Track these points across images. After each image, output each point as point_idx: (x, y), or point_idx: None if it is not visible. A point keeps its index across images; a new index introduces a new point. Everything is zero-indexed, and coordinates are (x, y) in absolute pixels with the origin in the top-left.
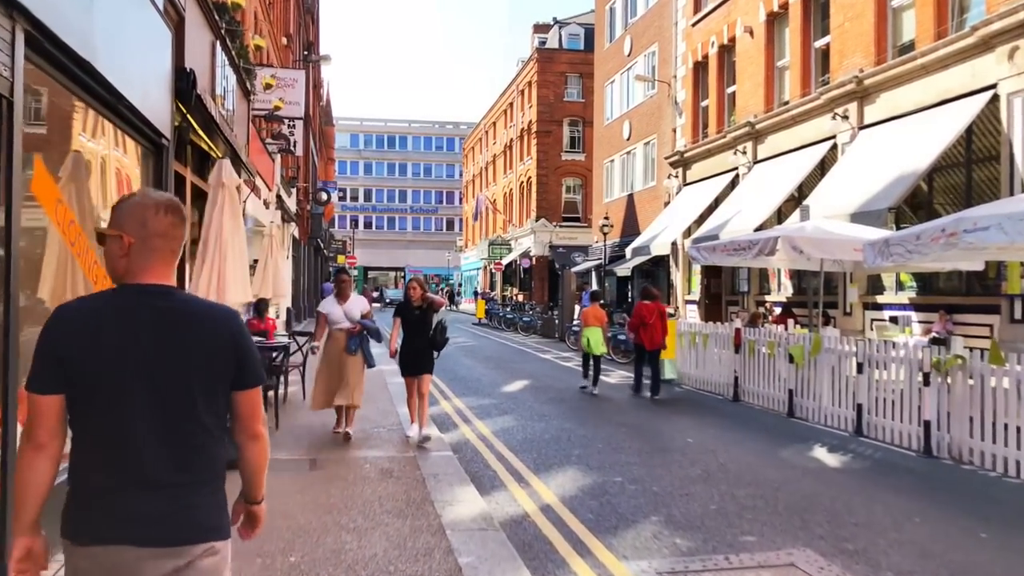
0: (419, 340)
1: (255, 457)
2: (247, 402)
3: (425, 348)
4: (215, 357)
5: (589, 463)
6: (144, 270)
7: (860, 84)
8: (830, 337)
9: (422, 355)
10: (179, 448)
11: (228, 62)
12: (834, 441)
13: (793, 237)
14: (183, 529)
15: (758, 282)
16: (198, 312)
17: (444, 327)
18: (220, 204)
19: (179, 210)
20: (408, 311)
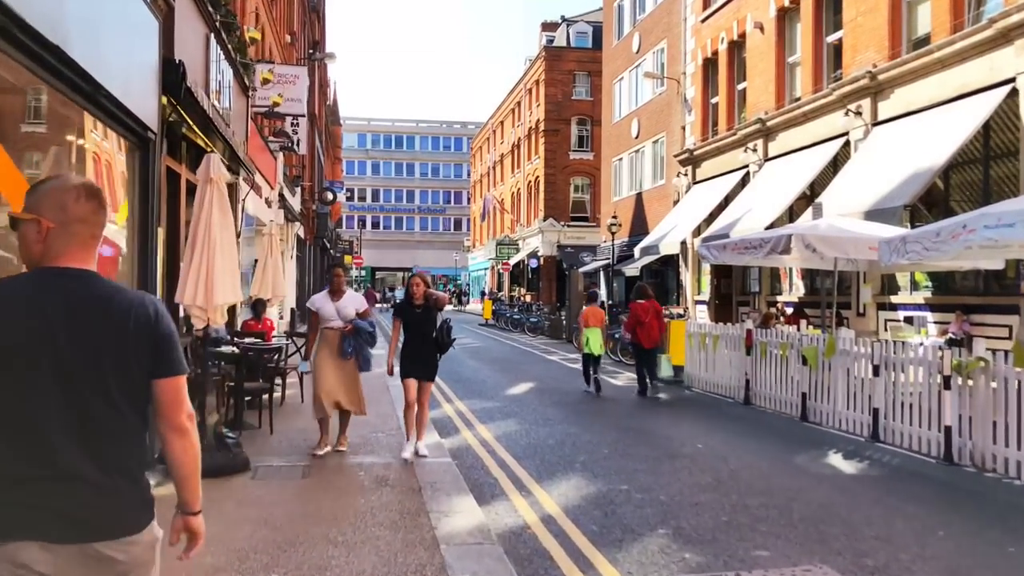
0: (422, 342)
1: (181, 454)
2: (167, 391)
3: (428, 351)
4: (130, 343)
5: (594, 470)
6: (62, 255)
7: (874, 79)
8: (845, 338)
9: (425, 359)
10: (93, 437)
11: (224, 56)
12: (850, 447)
13: (806, 235)
14: (104, 523)
15: (769, 282)
16: (114, 297)
17: (449, 327)
18: (208, 200)
19: (100, 195)
20: (409, 310)
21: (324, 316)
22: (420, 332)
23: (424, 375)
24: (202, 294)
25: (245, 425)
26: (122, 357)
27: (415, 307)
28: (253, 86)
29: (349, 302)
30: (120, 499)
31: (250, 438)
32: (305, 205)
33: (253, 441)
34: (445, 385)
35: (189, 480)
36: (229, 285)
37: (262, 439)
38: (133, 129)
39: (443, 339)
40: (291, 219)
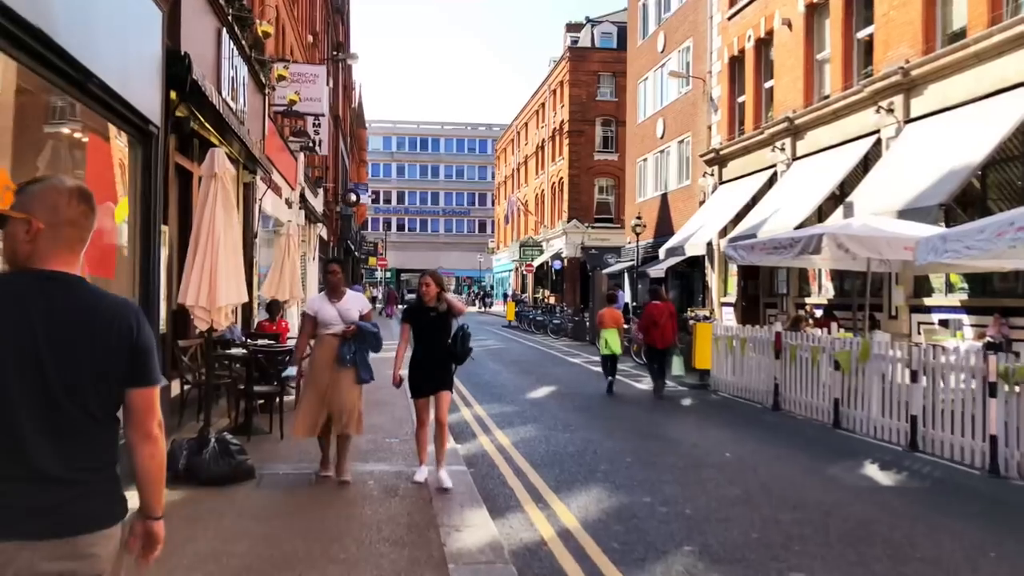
0: (435, 351)
1: (147, 460)
2: (141, 400)
3: (442, 362)
4: (110, 354)
5: (616, 480)
6: (49, 257)
7: (907, 75)
8: (880, 342)
9: (439, 369)
10: (66, 439)
11: (238, 52)
12: (886, 456)
13: (838, 234)
14: (75, 520)
15: (797, 283)
16: (96, 304)
17: (467, 334)
18: (212, 196)
19: (90, 199)
20: (420, 315)
21: (323, 321)
22: (433, 340)
23: (440, 385)
24: (205, 295)
25: (255, 430)
26: (101, 367)
27: (427, 311)
28: (271, 85)
29: (351, 303)
30: (93, 496)
31: (259, 443)
32: (328, 207)
33: (261, 447)
34: (463, 388)
35: (153, 486)
36: (234, 286)
37: (271, 444)
38: (133, 122)
39: (459, 348)
40: (313, 220)
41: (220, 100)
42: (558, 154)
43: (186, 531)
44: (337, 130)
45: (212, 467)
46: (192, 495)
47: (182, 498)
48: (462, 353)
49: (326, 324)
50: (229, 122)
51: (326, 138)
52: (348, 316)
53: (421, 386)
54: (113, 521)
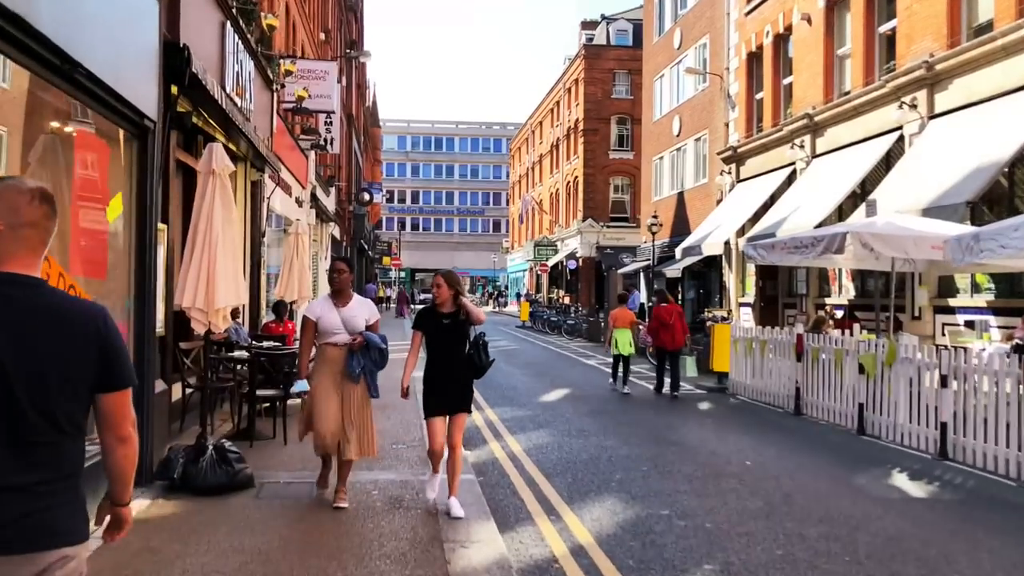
0: (450, 362)
1: (120, 460)
2: (114, 404)
3: (460, 375)
4: (75, 356)
5: (632, 491)
6: (9, 259)
7: (931, 69)
8: (907, 345)
9: (455, 385)
10: (27, 447)
11: (243, 47)
12: (916, 465)
13: (863, 233)
14: (33, 535)
15: (817, 284)
16: (61, 307)
17: (485, 343)
18: (210, 193)
19: (52, 200)
20: (434, 321)
21: (326, 329)
22: (448, 349)
23: (456, 406)
24: (202, 296)
25: (258, 435)
26: (68, 373)
27: (441, 317)
28: (279, 81)
29: (358, 310)
30: (56, 509)
31: (261, 449)
32: (341, 206)
33: (263, 453)
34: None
35: (124, 480)
36: (232, 287)
37: (274, 450)
38: (126, 116)
39: (480, 360)
40: (325, 220)
41: (223, 95)
42: (573, 153)
43: (177, 545)
44: (350, 128)
45: (209, 476)
46: (187, 506)
47: (176, 510)
48: (481, 366)
49: (328, 332)
50: (233, 118)
51: (338, 136)
52: (353, 325)
53: (435, 402)
54: (75, 541)
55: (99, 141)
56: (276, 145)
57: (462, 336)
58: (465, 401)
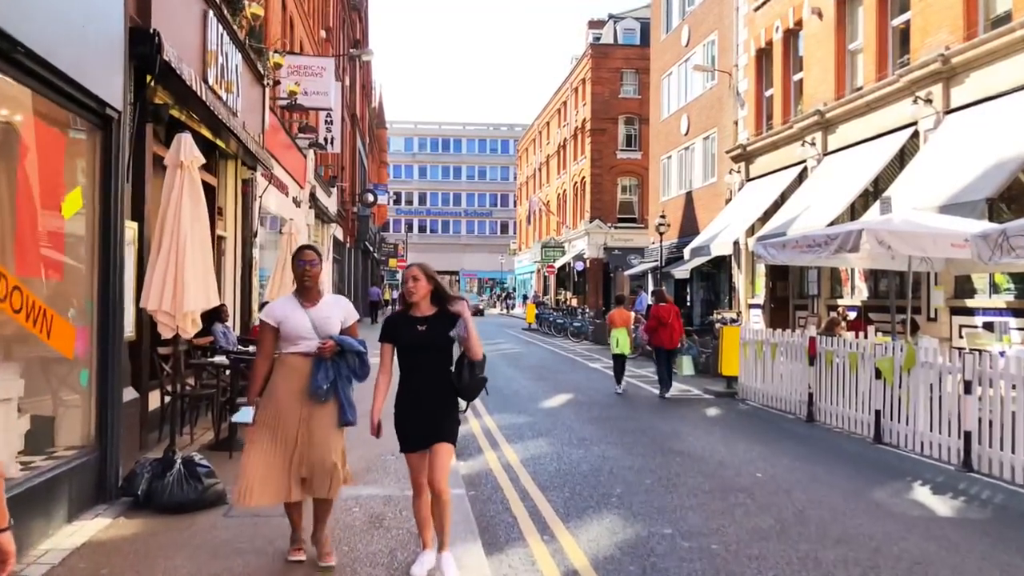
0: (431, 382)
1: None
2: None
3: (442, 398)
4: None
5: (633, 507)
6: None
7: (946, 63)
8: (927, 348)
9: (436, 412)
10: None
11: (229, 39)
12: (938, 477)
13: (879, 230)
14: None
15: (829, 284)
16: None
17: None
18: (178, 187)
19: None
20: (405, 328)
21: (291, 334)
22: (425, 366)
23: (437, 435)
24: (169, 299)
25: (238, 445)
26: None
27: (415, 323)
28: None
29: (331, 309)
30: None
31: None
32: (344, 207)
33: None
34: None
35: None
36: (202, 288)
37: None
38: (86, 105)
39: (466, 379)
40: (326, 220)
41: (204, 87)
42: (580, 153)
43: (129, 573)
44: (354, 129)
45: (175, 492)
46: (147, 526)
47: (136, 530)
48: (471, 385)
49: (293, 339)
50: (216, 111)
51: (339, 136)
52: (326, 328)
53: (411, 433)
54: None
55: (52, 131)
56: (270, 143)
57: (443, 347)
58: (446, 430)
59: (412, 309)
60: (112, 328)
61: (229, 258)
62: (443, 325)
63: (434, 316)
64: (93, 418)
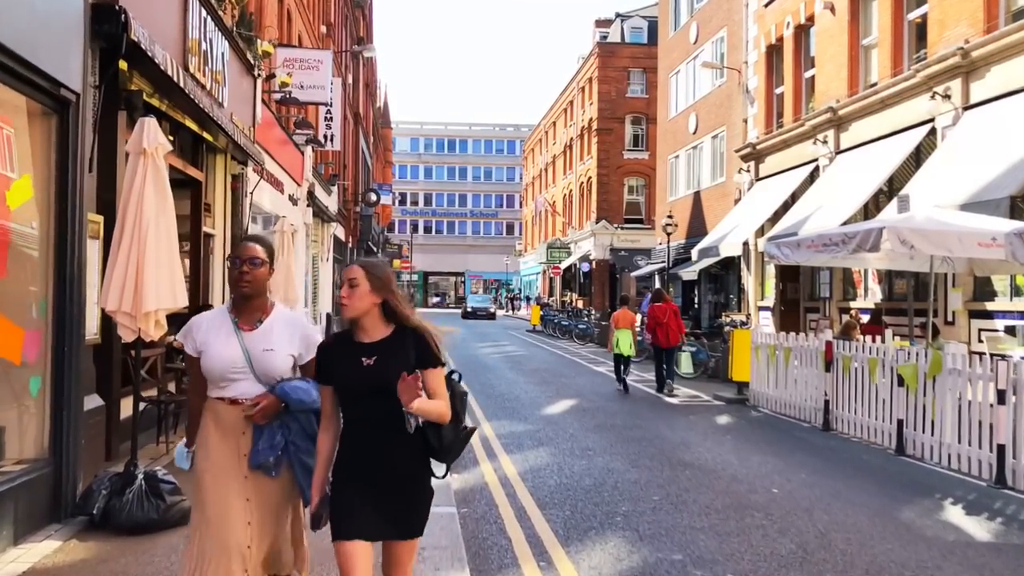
0: (384, 440)
1: None
2: None
3: (405, 464)
4: None
5: (639, 528)
6: None
7: (966, 57)
8: (954, 355)
9: (396, 484)
10: None
11: (215, 25)
12: (970, 494)
13: (901, 228)
14: None
15: (841, 286)
16: None
17: (462, 393)
18: (140, 177)
19: None
20: (344, 359)
21: (214, 370)
22: (380, 415)
23: (395, 526)
24: (129, 298)
25: None
26: None
27: (359, 350)
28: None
29: (280, 334)
30: None
31: None
32: (346, 207)
33: None
34: (473, 400)
35: None
36: (167, 287)
37: None
38: (36, 84)
39: (450, 434)
40: (326, 219)
41: (182, 73)
42: (586, 153)
43: None
44: (357, 127)
45: (135, 512)
46: (100, 550)
47: (87, 555)
48: (455, 443)
49: (219, 378)
50: (196, 98)
51: (339, 133)
52: (267, 366)
53: (351, 513)
54: None
55: None
56: (264, 138)
57: (395, 386)
58: (412, 517)
59: (357, 331)
60: (69, 330)
61: (218, 257)
62: (401, 354)
63: (388, 341)
64: (47, 429)
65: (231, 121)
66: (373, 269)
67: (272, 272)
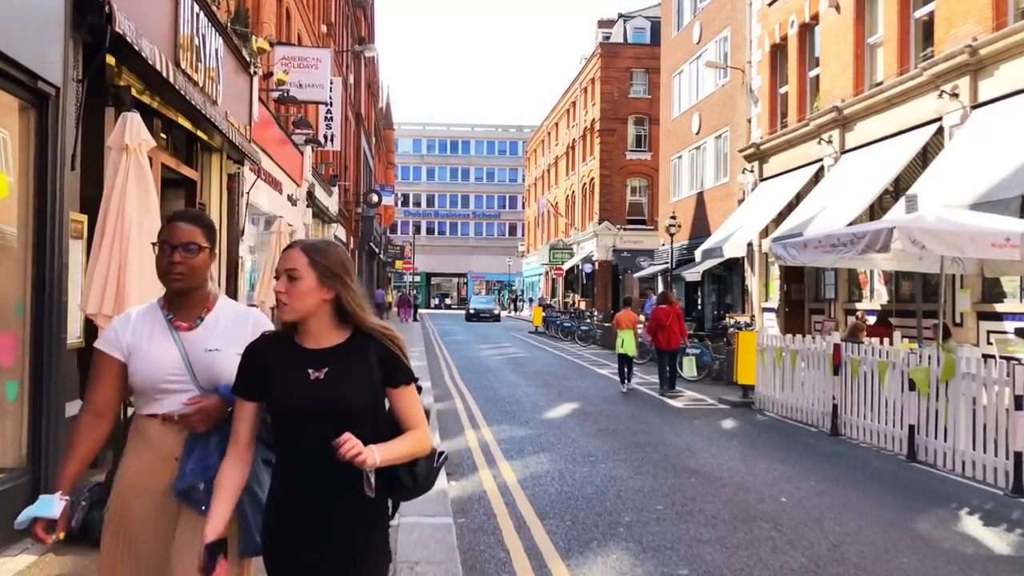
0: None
1: None
2: None
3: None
4: None
5: (643, 540)
6: None
7: (974, 55)
8: (968, 358)
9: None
10: None
11: (208, 21)
12: (987, 504)
13: (912, 228)
14: None
15: (847, 287)
16: None
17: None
18: (123, 174)
19: None
20: (284, 368)
21: (142, 380)
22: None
23: None
24: (111, 301)
25: None
26: None
27: (305, 358)
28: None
29: (224, 335)
30: None
31: None
32: (347, 207)
33: None
34: (473, 404)
35: None
36: (150, 288)
37: None
38: (12, 76)
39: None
40: (326, 220)
41: (173, 69)
42: (589, 154)
43: None
44: (358, 128)
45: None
46: (77, 565)
47: (62, 571)
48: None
49: (151, 388)
50: (187, 95)
51: (339, 133)
52: (212, 371)
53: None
54: None
55: None
56: (261, 137)
57: (358, 412)
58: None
59: (300, 334)
60: (49, 334)
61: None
62: (360, 368)
63: (342, 350)
64: (24, 437)
65: (226, 119)
66: (319, 255)
67: (214, 258)
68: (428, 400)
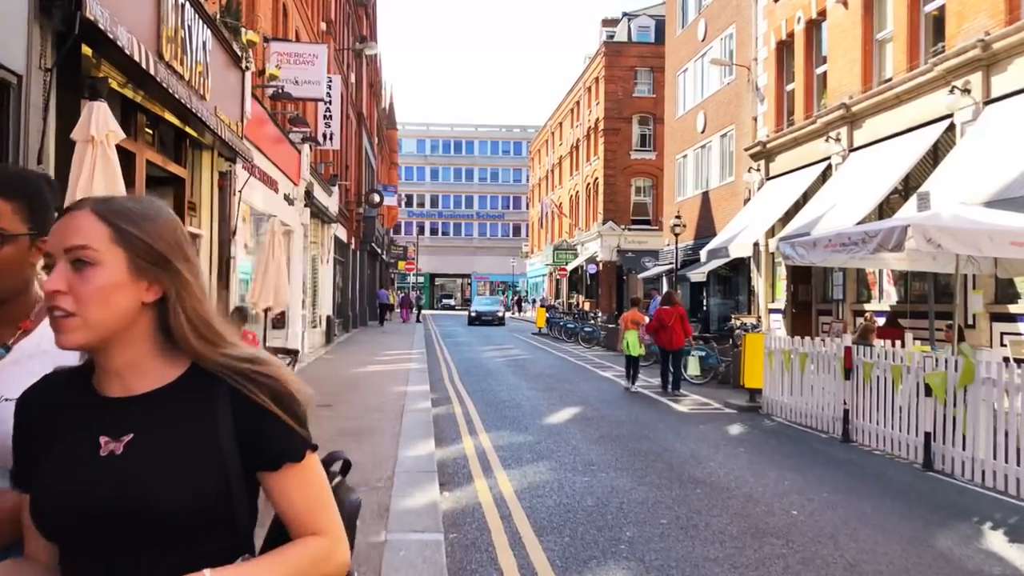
0: None
1: None
2: None
3: None
4: None
5: (645, 558)
6: None
7: (986, 49)
8: (988, 363)
9: None
10: None
11: (195, 12)
12: (1011, 517)
13: (927, 226)
14: None
15: (855, 288)
16: None
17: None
18: (88, 167)
19: None
20: (63, 439)
21: None
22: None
23: None
24: None
25: None
26: None
27: (98, 409)
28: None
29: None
30: None
31: None
32: (349, 207)
33: None
34: (472, 408)
35: None
36: None
37: None
38: None
39: None
40: (326, 220)
41: (154, 60)
42: (593, 154)
43: None
44: (360, 127)
45: None
46: None
47: None
48: None
49: None
50: (170, 88)
51: (339, 132)
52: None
53: None
54: None
55: None
56: (256, 135)
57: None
58: None
59: (99, 372)
60: None
61: (204, 258)
62: (194, 430)
63: (166, 396)
64: None
65: (215, 115)
66: (129, 222)
67: (42, 249)
68: (425, 404)
